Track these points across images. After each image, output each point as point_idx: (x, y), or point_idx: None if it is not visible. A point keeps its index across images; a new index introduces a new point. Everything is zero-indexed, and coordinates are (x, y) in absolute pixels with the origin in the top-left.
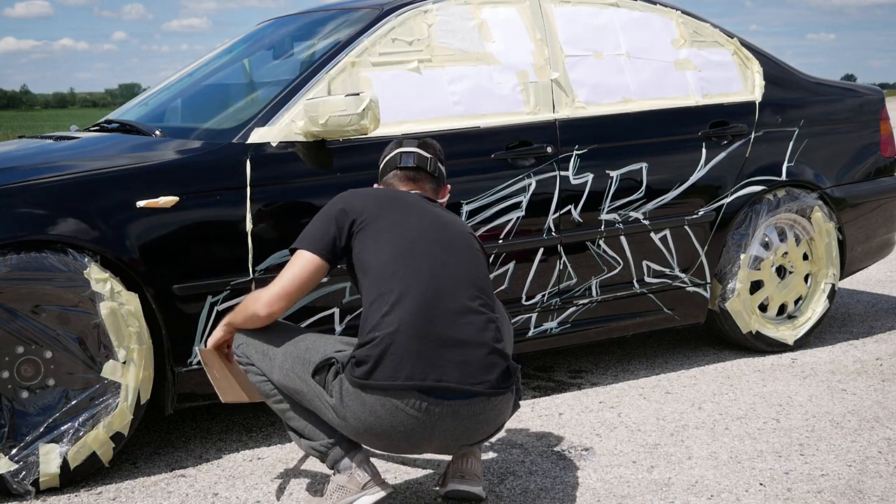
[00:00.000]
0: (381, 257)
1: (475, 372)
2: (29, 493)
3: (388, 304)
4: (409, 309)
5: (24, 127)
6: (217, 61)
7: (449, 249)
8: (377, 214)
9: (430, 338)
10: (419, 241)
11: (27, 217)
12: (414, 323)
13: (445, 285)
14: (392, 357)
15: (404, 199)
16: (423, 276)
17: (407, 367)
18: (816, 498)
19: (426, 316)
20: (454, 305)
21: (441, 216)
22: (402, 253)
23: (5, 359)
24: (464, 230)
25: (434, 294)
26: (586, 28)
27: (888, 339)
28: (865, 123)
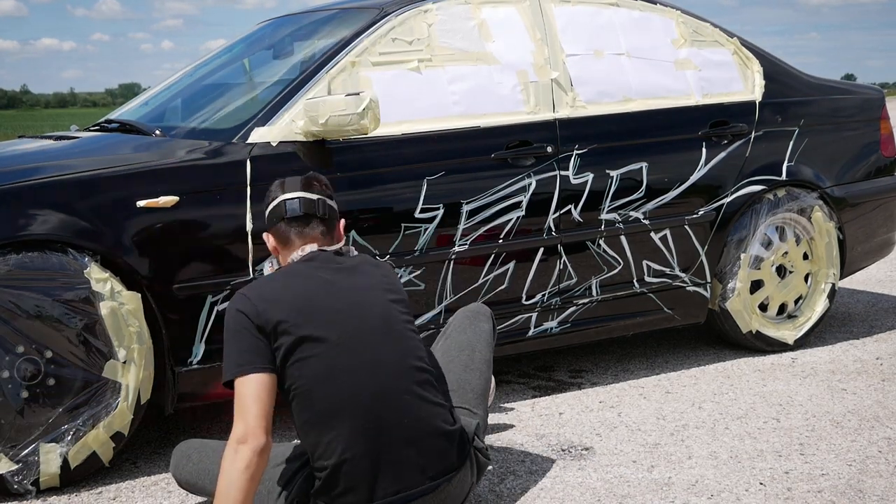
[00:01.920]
0: (305, 380)
1: (434, 464)
2: (29, 493)
3: (330, 427)
4: (352, 428)
5: (24, 127)
6: (217, 61)
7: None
8: (291, 327)
9: (379, 449)
10: (340, 348)
11: (27, 217)
12: (360, 441)
13: (382, 387)
14: (344, 483)
15: (309, 295)
16: (357, 387)
17: (364, 490)
18: (816, 497)
19: (371, 430)
20: (395, 405)
21: (352, 296)
22: (328, 370)
23: (5, 358)
24: (381, 303)
25: (372, 403)
26: (586, 28)
27: (888, 338)
28: (865, 123)
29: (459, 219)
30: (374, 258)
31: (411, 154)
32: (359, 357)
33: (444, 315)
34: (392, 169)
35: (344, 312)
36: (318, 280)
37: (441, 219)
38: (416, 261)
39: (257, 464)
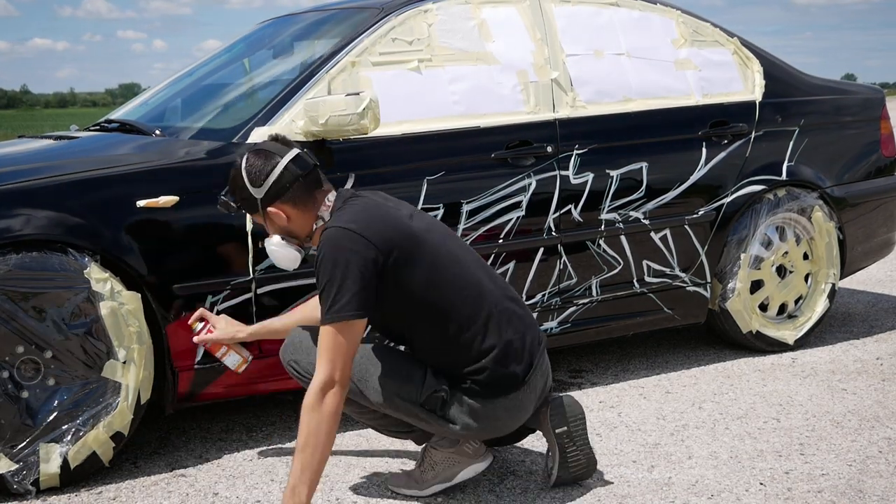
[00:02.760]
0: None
1: (536, 327)
2: (29, 493)
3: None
4: (493, 325)
5: (24, 127)
6: (217, 61)
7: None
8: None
9: (515, 337)
10: (460, 265)
11: (27, 217)
12: (501, 324)
13: (487, 276)
14: (506, 367)
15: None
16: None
17: (518, 366)
18: (817, 497)
19: (502, 312)
20: (501, 292)
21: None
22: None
23: (5, 359)
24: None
25: (491, 290)
26: (586, 28)
27: (888, 338)
28: (866, 123)
29: (459, 219)
30: None
31: (411, 154)
32: (462, 259)
33: None
34: (392, 169)
35: (432, 228)
36: (390, 207)
37: (441, 219)
38: None
39: (341, 407)
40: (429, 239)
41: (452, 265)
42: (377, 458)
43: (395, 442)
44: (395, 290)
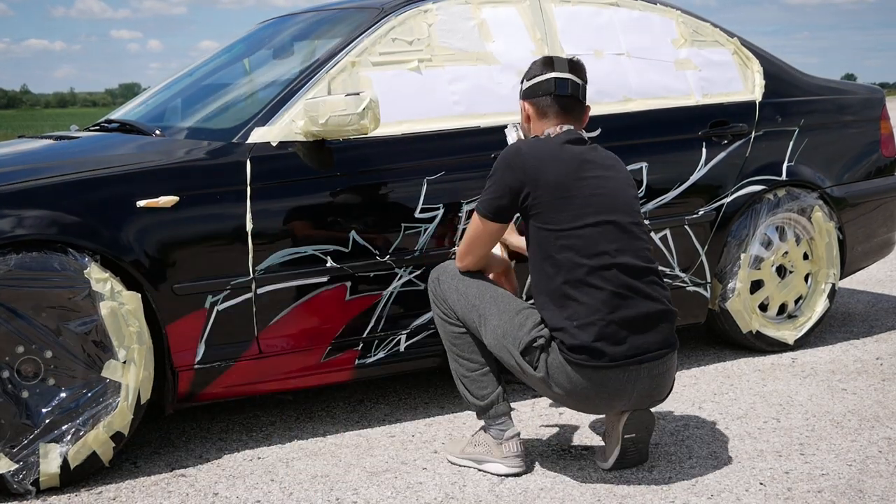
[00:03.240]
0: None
1: (663, 335)
2: (29, 493)
3: (580, 293)
4: (601, 300)
5: (24, 127)
6: (217, 61)
7: (624, 211)
8: (556, 185)
9: (622, 324)
10: (594, 227)
11: (27, 217)
12: (606, 313)
13: (631, 260)
14: (599, 343)
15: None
16: (606, 264)
17: (614, 349)
18: (817, 497)
19: (616, 302)
20: (641, 277)
21: (608, 184)
22: (586, 242)
23: (5, 358)
24: (625, 178)
25: (624, 272)
26: (586, 27)
27: (888, 338)
28: (866, 123)
29: (459, 219)
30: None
31: (411, 154)
32: (608, 241)
33: None
34: (392, 169)
35: (601, 193)
36: (581, 159)
37: (441, 219)
38: (416, 261)
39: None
40: (583, 201)
41: (590, 227)
42: (377, 458)
43: (395, 442)
44: (529, 220)
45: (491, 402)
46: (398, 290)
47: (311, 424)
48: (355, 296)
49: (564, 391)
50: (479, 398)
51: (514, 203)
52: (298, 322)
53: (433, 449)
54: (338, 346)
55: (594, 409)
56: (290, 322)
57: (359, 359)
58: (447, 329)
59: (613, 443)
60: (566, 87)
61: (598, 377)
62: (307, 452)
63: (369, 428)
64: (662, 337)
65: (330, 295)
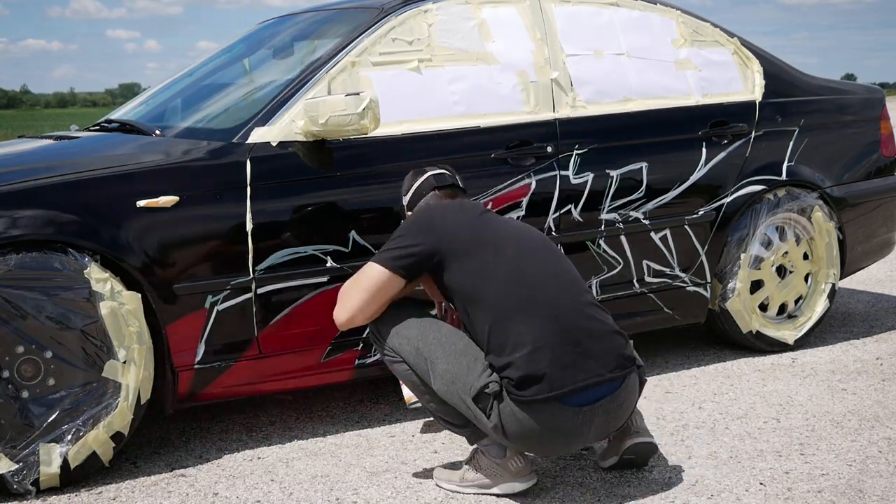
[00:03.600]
0: (490, 284)
1: (612, 360)
2: (29, 493)
3: (517, 324)
4: (538, 324)
5: (24, 127)
6: (217, 61)
7: (542, 256)
8: (466, 237)
9: (565, 344)
10: (517, 262)
11: (27, 217)
12: (547, 335)
13: (557, 291)
14: (536, 373)
15: (481, 213)
16: (536, 290)
17: (554, 380)
18: (817, 497)
19: (555, 325)
20: (573, 306)
21: (516, 224)
22: (509, 276)
23: (5, 358)
24: (535, 232)
25: (552, 302)
26: (586, 27)
27: (888, 338)
28: (865, 123)
29: None
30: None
31: (411, 154)
32: (533, 268)
33: None
34: (392, 169)
35: (512, 234)
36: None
37: None
38: None
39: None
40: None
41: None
42: (377, 458)
43: (395, 442)
44: (448, 276)
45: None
46: None
47: (311, 424)
48: None
49: (519, 438)
50: (463, 425)
51: (426, 262)
52: (298, 322)
53: (433, 449)
54: (338, 346)
55: (555, 451)
56: (290, 322)
57: (359, 359)
58: (400, 370)
59: (612, 453)
60: (444, 179)
61: (549, 416)
62: (307, 452)
63: (369, 428)
64: (611, 361)
65: (330, 295)
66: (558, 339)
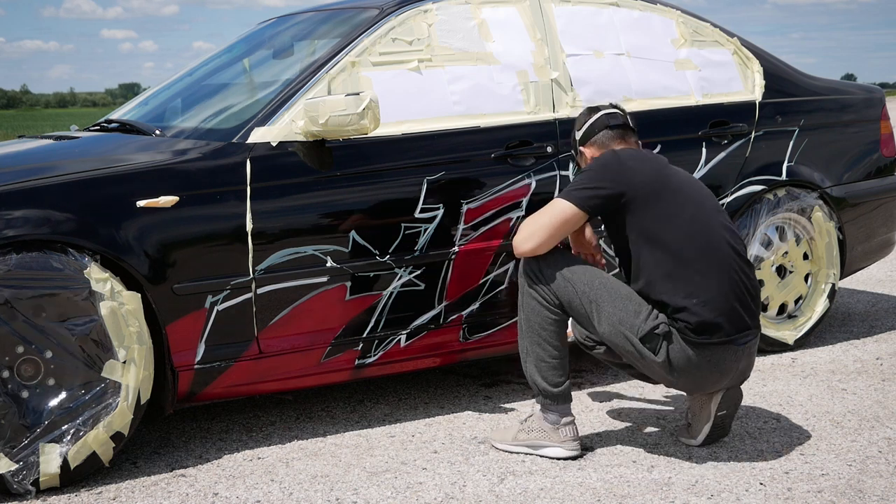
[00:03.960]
0: (672, 230)
1: (755, 315)
2: (29, 493)
3: (694, 272)
4: (715, 276)
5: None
6: (217, 61)
7: (713, 212)
8: (652, 186)
9: (734, 297)
10: (698, 212)
11: (27, 217)
12: (724, 287)
13: (729, 248)
14: (715, 319)
15: (664, 166)
16: (713, 243)
17: (728, 326)
18: (817, 497)
19: (728, 278)
20: (740, 263)
21: (689, 178)
22: (692, 226)
23: (5, 359)
24: (704, 186)
25: (732, 252)
26: (586, 27)
27: (888, 338)
28: (865, 123)
29: (459, 219)
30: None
31: (411, 154)
32: (711, 222)
33: (444, 315)
34: (392, 169)
35: (692, 187)
36: (661, 158)
37: (441, 219)
38: (416, 261)
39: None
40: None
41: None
42: (377, 458)
43: (395, 442)
44: (631, 218)
45: (563, 389)
46: (398, 290)
47: (311, 424)
48: (355, 296)
49: (681, 374)
50: (553, 384)
51: (611, 203)
52: (298, 322)
53: (433, 449)
54: (338, 346)
55: (701, 388)
56: (289, 322)
57: (359, 359)
58: (542, 314)
59: (704, 420)
60: (617, 118)
61: (715, 356)
62: (307, 452)
63: (369, 428)
64: (755, 317)
65: (330, 295)
66: (731, 292)
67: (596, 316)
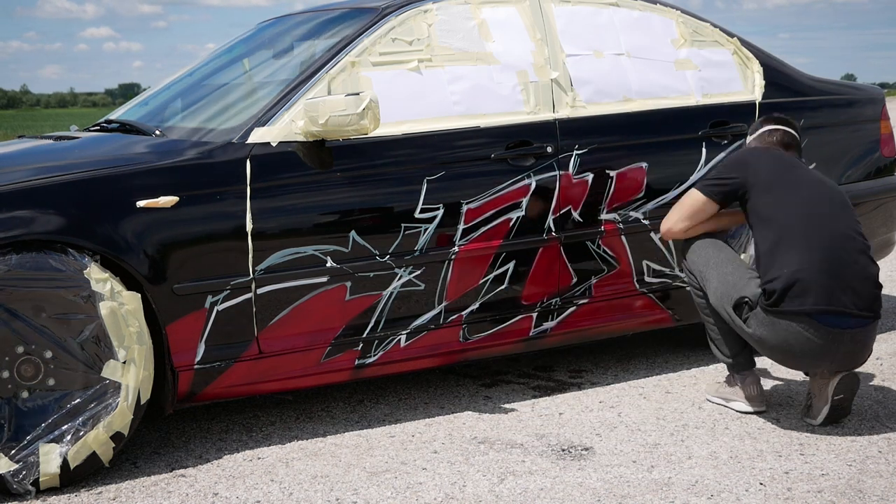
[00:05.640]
0: (780, 213)
1: (864, 300)
2: (29, 493)
3: (790, 248)
4: (809, 253)
5: (24, 127)
6: (217, 61)
7: (832, 204)
8: (772, 176)
9: (829, 275)
10: (810, 199)
11: (27, 217)
12: (815, 263)
13: (842, 227)
14: (798, 289)
15: (791, 163)
16: (817, 227)
17: (811, 298)
18: (816, 497)
19: (824, 257)
20: (845, 247)
21: (819, 177)
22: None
23: (5, 359)
24: (836, 188)
25: (834, 234)
26: (586, 27)
27: (888, 338)
28: (865, 123)
29: (459, 219)
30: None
31: (411, 154)
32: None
33: (444, 315)
34: (392, 169)
35: (813, 180)
36: (796, 162)
37: (441, 219)
38: (416, 261)
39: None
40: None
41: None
42: (377, 458)
43: (395, 442)
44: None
45: (734, 359)
46: (398, 290)
47: (311, 424)
48: (355, 296)
49: (771, 346)
50: (725, 355)
51: (736, 192)
52: (298, 322)
53: (433, 449)
54: (337, 347)
55: (798, 364)
56: (289, 322)
57: (359, 359)
58: (693, 295)
59: (822, 402)
60: (788, 137)
61: (797, 329)
62: (307, 452)
63: (369, 428)
64: (864, 302)
65: (330, 295)
66: (824, 269)
67: (708, 290)
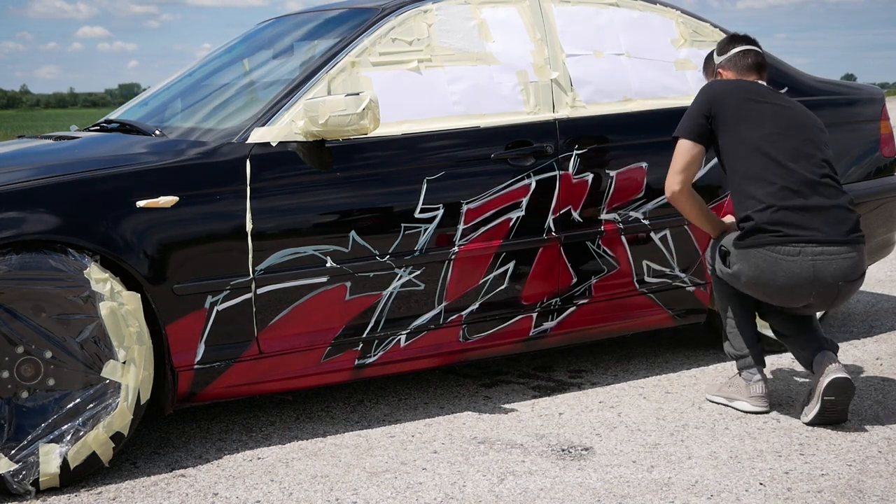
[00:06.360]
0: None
1: (838, 228)
2: (29, 493)
3: (757, 185)
4: (775, 188)
5: (24, 127)
6: (217, 61)
7: (800, 131)
8: (738, 108)
9: (794, 207)
10: (777, 129)
11: (27, 217)
12: (779, 197)
13: (798, 166)
14: (768, 220)
15: (758, 92)
16: (780, 162)
17: (779, 229)
18: (816, 497)
19: (789, 191)
20: (809, 179)
21: (785, 105)
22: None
23: (5, 359)
24: (805, 112)
25: (791, 174)
26: (586, 28)
27: (888, 338)
28: (865, 123)
29: (459, 219)
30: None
31: (411, 154)
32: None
33: (444, 315)
34: (392, 169)
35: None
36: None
37: (441, 219)
38: (416, 261)
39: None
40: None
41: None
42: (377, 458)
43: (395, 442)
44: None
45: (746, 355)
46: (398, 290)
47: (311, 424)
48: (355, 296)
49: (749, 279)
50: (736, 349)
51: (706, 125)
52: (298, 322)
53: (433, 449)
54: (337, 347)
55: (780, 298)
56: (289, 322)
57: (359, 359)
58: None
59: (814, 402)
60: (751, 57)
61: (771, 261)
62: (307, 452)
63: (369, 428)
64: (837, 231)
65: (330, 295)
66: (789, 202)
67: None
